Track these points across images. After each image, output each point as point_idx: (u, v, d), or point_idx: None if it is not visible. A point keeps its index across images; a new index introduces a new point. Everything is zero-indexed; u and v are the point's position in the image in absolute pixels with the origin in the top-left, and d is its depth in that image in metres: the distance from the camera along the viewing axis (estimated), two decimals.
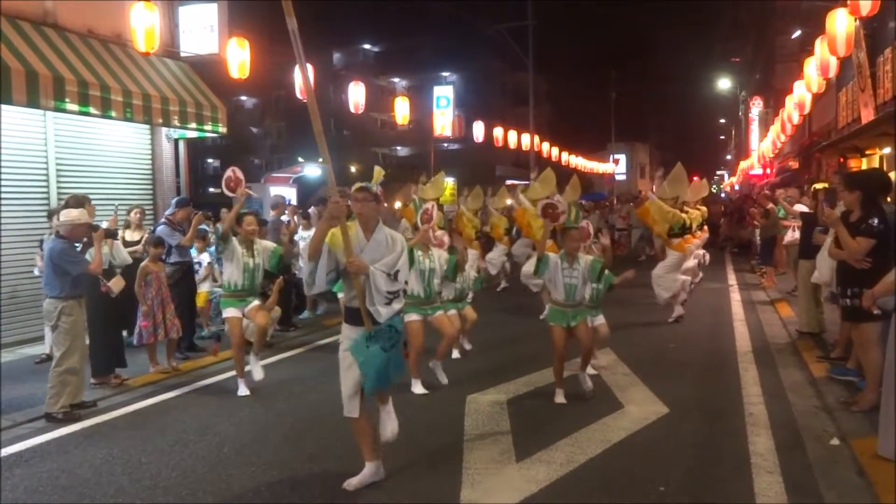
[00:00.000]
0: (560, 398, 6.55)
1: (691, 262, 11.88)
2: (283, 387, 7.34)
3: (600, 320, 7.57)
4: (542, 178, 12.38)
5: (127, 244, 8.41)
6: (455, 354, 8.28)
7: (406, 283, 4.71)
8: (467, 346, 8.70)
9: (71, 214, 6.52)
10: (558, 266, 6.51)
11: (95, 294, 7.08)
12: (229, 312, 7.16)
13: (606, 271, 7.03)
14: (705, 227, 13.68)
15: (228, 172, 7.40)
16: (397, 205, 13.13)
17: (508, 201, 15.20)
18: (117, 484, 4.92)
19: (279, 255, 7.37)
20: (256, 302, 7.24)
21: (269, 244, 7.49)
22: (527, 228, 11.82)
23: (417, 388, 6.93)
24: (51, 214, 8.31)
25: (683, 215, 10.91)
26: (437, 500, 4.59)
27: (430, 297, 7.07)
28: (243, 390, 7.05)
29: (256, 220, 7.56)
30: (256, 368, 7.21)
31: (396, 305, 4.58)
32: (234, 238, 7.11)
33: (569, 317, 6.54)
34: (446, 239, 7.72)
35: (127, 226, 9.00)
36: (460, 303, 8.01)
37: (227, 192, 7.37)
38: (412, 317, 6.88)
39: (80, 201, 7.22)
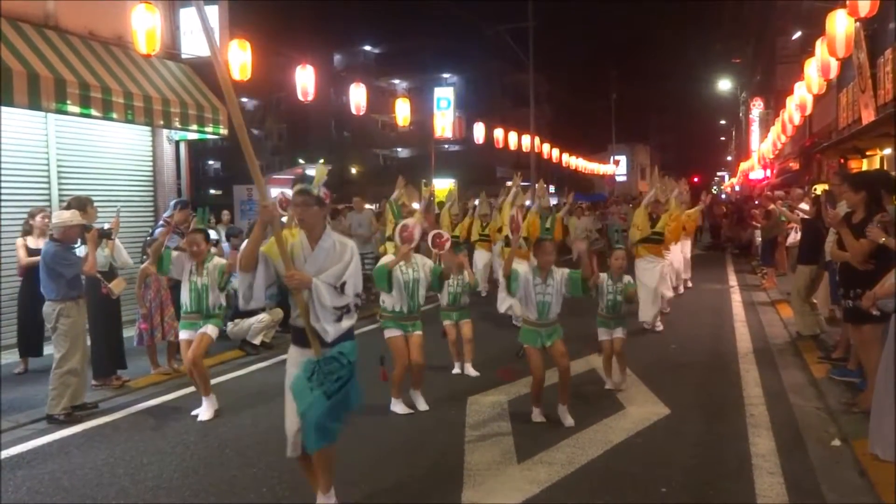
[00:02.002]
0: (538, 417, 6.05)
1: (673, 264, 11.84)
2: (283, 388, 7.32)
3: (619, 333, 7.07)
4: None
5: (31, 252, 7.76)
6: (455, 370, 7.75)
7: (359, 296, 4.16)
8: (471, 372, 7.67)
9: (63, 216, 6.51)
10: (529, 282, 5.94)
11: (96, 296, 7.09)
12: (183, 335, 6.60)
13: (627, 279, 7.02)
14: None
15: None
16: (415, 205, 12.84)
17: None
18: (119, 485, 4.93)
19: (222, 272, 6.56)
20: (208, 328, 6.52)
21: (219, 261, 6.73)
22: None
23: (398, 407, 6.39)
24: None
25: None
26: (439, 500, 4.60)
27: (413, 311, 6.43)
28: (203, 411, 6.44)
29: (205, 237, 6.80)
30: (205, 409, 6.45)
31: (346, 322, 4.08)
32: (180, 255, 6.58)
33: (543, 336, 5.95)
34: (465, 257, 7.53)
35: (28, 232, 8.07)
36: (455, 312, 7.63)
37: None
38: (393, 332, 6.40)
39: (81, 203, 7.22)
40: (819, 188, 11.97)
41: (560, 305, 6.01)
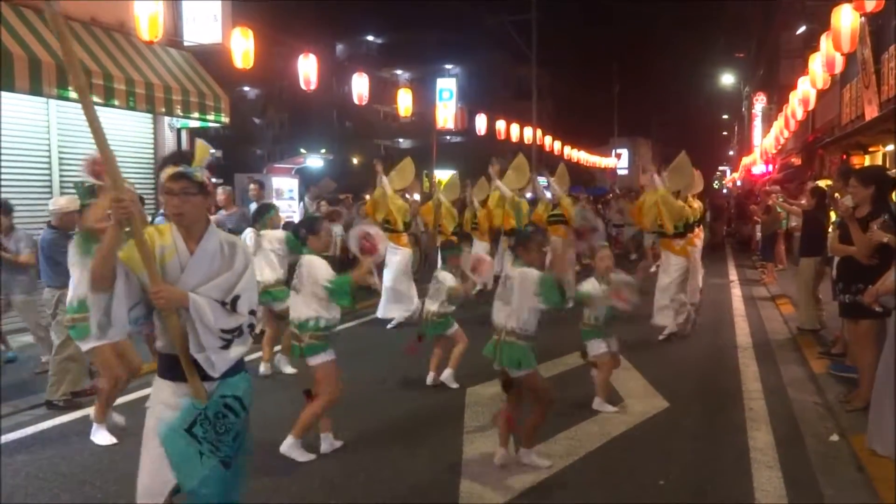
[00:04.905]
0: (502, 458, 4.94)
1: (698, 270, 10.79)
2: (283, 378, 7.34)
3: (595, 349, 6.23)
4: (514, 164, 11.41)
5: None
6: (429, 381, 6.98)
7: (254, 313, 3.17)
8: (453, 385, 6.92)
9: (59, 203, 6.50)
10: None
11: None
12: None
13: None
14: (701, 226, 12.27)
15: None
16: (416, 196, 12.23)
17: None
18: (118, 471, 4.93)
19: None
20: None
21: None
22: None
23: (293, 450, 5.11)
24: None
25: (689, 209, 9.71)
26: (437, 492, 4.60)
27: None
28: (102, 437, 5.47)
29: None
30: (100, 433, 5.51)
31: (237, 350, 3.08)
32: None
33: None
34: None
35: None
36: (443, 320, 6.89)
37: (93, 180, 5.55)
38: (323, 358, 5.08)
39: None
40: (822, 183, 11.92)
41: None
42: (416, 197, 14.02)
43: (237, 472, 3.19)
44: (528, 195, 15.01)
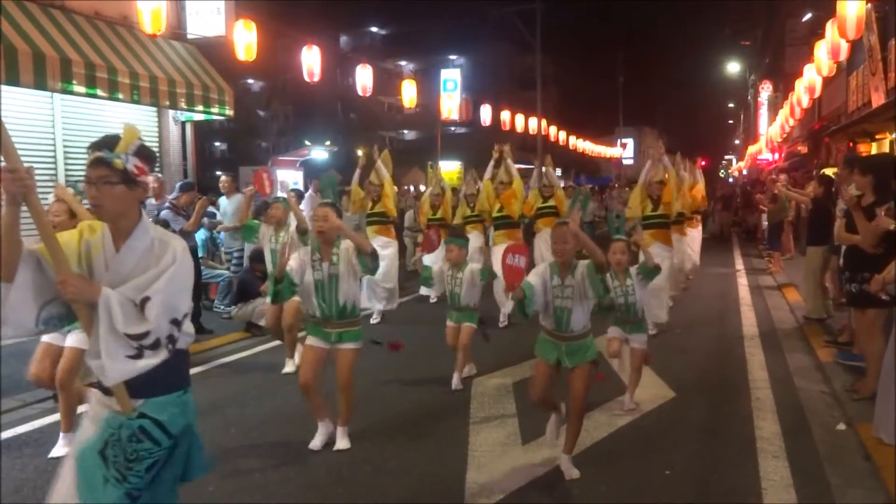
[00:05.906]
0: (572, 472, 4.59)
1: (693, 253, 10.97)
2: (285, 370, 7.35)
3: (636, 342, 5.98)
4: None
5: None
6: (454, 383, 6.64)
7: (178, 322, 2.67)
8: (457, 385, 6.62)
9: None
10: (547, 284, 4.50)
11: None
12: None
13: (640, 266, 5.85)
14: (698, 218, 12.41)
15: None
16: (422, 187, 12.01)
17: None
18: None
19: None
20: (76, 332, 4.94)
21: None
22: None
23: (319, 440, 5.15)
24: None
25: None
26: (443, 482, 4.61)
27: (333, 316, 4.99)
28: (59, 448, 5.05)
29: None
30: (62, 446, 4.98)
31: (149, 361, 2.60)
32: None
33: (562, 352, 4.56)
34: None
35: None
36: (455, 312, 6.74)
37: None
38: (308, 341, 5.13)
39: None
40: (829, 171, 11.87)
41: (588, 314, 4.58)
42: (422, 188, 13.99)
43: None
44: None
